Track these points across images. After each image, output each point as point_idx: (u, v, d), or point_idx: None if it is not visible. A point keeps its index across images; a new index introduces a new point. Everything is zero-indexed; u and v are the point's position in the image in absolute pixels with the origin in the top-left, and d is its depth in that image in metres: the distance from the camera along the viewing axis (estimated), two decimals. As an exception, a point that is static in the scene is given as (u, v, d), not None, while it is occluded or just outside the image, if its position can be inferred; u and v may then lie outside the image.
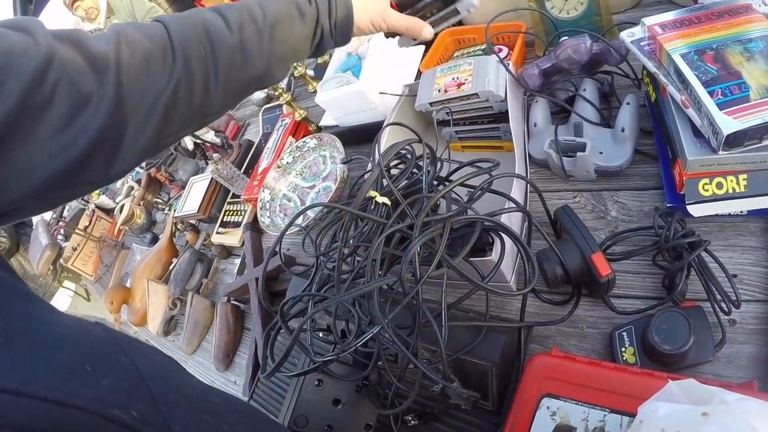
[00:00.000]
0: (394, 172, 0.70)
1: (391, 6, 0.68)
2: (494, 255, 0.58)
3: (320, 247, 0.70)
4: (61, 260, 1.66)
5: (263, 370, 0.64)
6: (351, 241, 0.61)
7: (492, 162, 0.58)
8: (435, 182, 0.66)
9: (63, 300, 1.66)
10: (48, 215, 1.99)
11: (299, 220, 0.97)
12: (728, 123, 0.50)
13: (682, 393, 0.40)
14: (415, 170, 0.65)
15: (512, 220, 0.64)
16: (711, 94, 0.53)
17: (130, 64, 0.45)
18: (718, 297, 0.54)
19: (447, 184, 0.67)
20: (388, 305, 0.53)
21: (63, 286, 1.66)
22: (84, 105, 0.42)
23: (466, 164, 0.64)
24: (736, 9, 0.60)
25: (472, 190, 0.65)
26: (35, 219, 1.97)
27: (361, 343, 0.50)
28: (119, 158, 0.46)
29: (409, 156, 0.66)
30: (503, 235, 0.56)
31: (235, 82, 0.54)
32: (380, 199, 0.61)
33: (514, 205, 0.59)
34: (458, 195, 0.65)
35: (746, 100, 0.51)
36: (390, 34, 0.73)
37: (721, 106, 0.52)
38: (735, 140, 0.51)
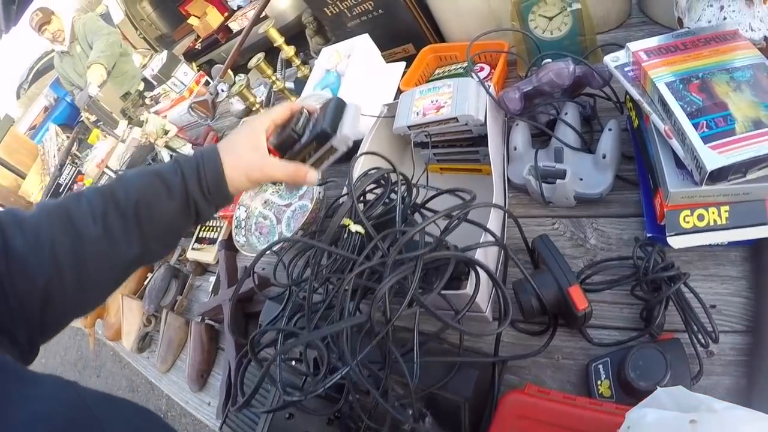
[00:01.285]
0: (370, 196, 0.68)
1: (270, 151, 0.62)
2: (469, 288, 0.56)
3: (293, 272, 0.68)
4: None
5: (233, 402, 0.62)
6: (324, 271, 0.59)
7: (469, 194, 0.56)
8: (410, 210, 0.64)
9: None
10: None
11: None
12: (713, 158, 0.49)
13: (670, 400, 0.40)
14: (392, 196, 0.63)
15: (488, 252, 0.62)
16: (696, 126, 0.51)
17: (18, 255, 0.46)
18: (696, 329, 0.53)
19: (422, 212, 0.65)
20: (360, 339, 0.51)
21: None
22: None
23: (444, 192, 0.62)
24: (723, 35, 0.59)
25: (448, 216, 0.64)
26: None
27: (329, 385, 0.48)
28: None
29: (384, 181, 0.64)
30: (478, 269, 0.55)
31: (108, 270, 0.53)
32: (354, 228, 0.59)
33: (490, 238, 0.57)
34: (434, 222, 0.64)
35: (731, 133, 0.50)
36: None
37: (705, 139, 0.50)
38: (719, 175, 0.50)
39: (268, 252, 0.85)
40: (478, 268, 0.54)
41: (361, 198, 0.64)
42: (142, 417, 0.39)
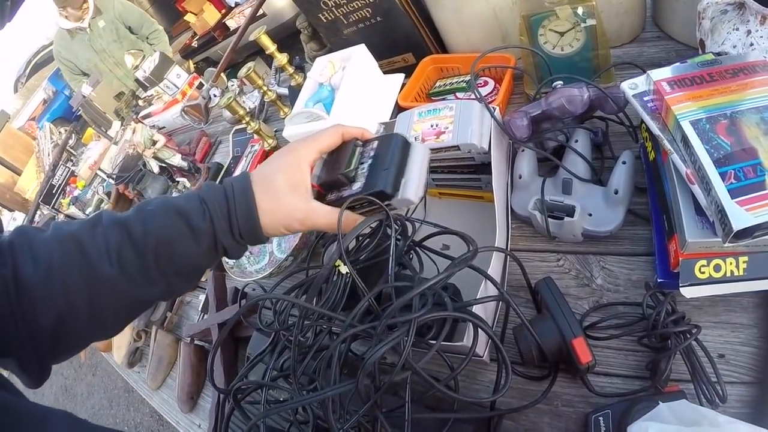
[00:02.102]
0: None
1: (314, 188, 0.52)
2: (466, 341, 0.53)
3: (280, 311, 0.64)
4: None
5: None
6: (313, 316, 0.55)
7: (471, 243, 0.52)
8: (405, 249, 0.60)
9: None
10: (20, 218, 1.92)
11: (263, 268, 0.90)
12: (741, 216, 0.44)
13: (672, 415, 0.40)
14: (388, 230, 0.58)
15: (487, 290, 0.58)
16: (723, 176, 0.46)
17: (29, 284, 0.43)
18: (703, 382, 0.50)
19: (418, 250, 0.61)
20: (349, 399, 0.48)
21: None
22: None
23: (444, 232, 0.58)
24: (753, 66, 0.53)
25: (444, 256, 0.60)
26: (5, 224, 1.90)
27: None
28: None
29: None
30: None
31: (125, 308, 0.49)
32: (344, 270, 0.55)
33: (492, 288, 0.53)
34: (428, 255, 0.60)
35: (761, 186, 0.45)
36: None
37: (733, 192, 0.45)
38: (744, 232, 0.45)
39: (258, 276, 0.83)
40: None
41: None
42: None
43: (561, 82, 0.70)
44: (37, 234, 0.46)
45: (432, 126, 0.68)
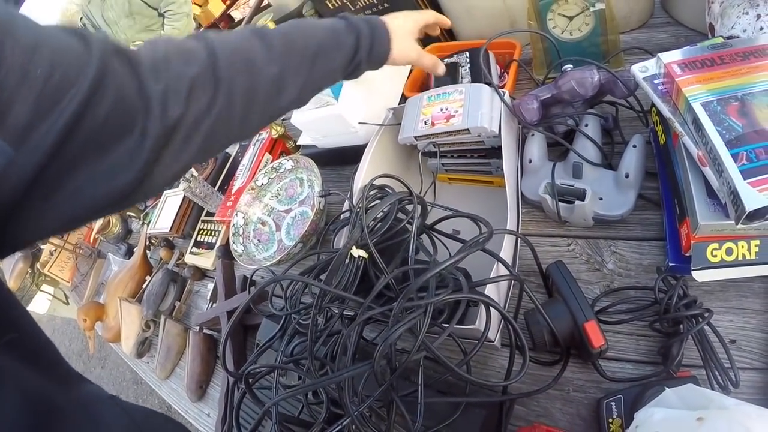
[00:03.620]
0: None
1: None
2: (479, 324, 0.53)
3: (290, 296, 0.64)
4: (38, 264, 1.59)
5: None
6: (324, 300, 0.55)
7: (485, 225, 0.52)
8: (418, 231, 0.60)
9: (42, 303, 1.60)
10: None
11: (271, 255, 0.91)
12: (753, 197, 0.43)
13: (679, 400, 0.40)
14: (399, 214, 0.58)
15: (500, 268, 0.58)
16: (735, 157, 0.46)
17: (176, 92, 0.41)
18: (715, 368, 0.50)
19: (432, 234, 0.61)
20: (362, 383, 0.48)
21: (41, 290, 1.60)
22: (131, 132, 0.38)
23: (458, 215, 0.58)
24: (763, 49, 0.53)
25: (457, 239, 0.60)
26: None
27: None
28: (152, 182, 0.42)
29: (389, 192, 0.59)
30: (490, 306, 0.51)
31: (270, 110, 0.53)
32: (356, 253, 0.55)
33: (504, 271, 0.53)
34: (438, 237, 0.60)
35: (774, 167, 0.44)
36: None
37: (745, 173, 0.45)
38: (757, 214, 0.45)
39: (267, 263, 0.83)
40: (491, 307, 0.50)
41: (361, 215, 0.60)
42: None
43: (570, 66, 0.69)
44: (188, 41, 0.47)
45: (441, 110, 0.67)
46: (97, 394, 0.37)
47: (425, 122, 0.68)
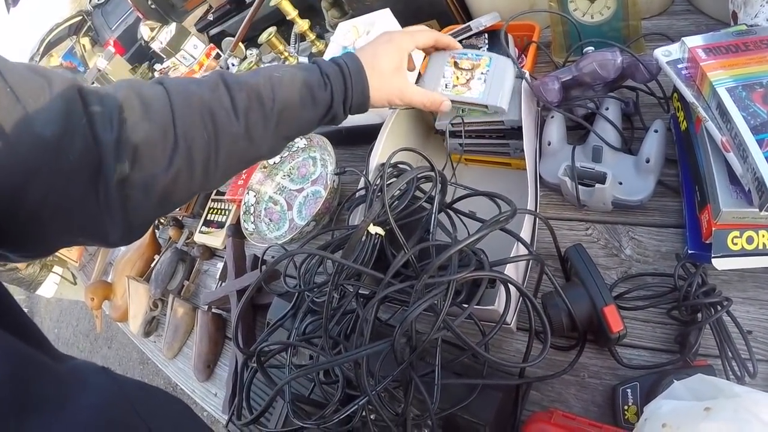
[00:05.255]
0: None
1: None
2: (498, 305, 0.52)
3: (304, 273, 0.64)
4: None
5: (238, 411, 0.59)
6: (339, 276, 0.54)
7: (508, 203, 0.51)
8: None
9: (50, 287, 1.60)
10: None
11: (283, 235, 0.90)
12: (779, 183, 0.43)
13: (687, 392, 0.40)
14: (417, 193, 0.58)
15: (519, 249, 0.58)
16: (760, 143, 0.45)
17: (127, 145, 0.43)
18: (732, 357, 0.50)
19: (451, 213, 0.60)
20: (379, 363, 0.47)
21: (53, 272, 1.60)
22: (98, 174, 0.41)
23: (480, 194, 0.57)
24: (790, 37, 0.52)
25: (476, 218, 0.59)
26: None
27: (343, 416, 0.44)
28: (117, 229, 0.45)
29: (408, 170, 0.58)
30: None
31: (236, 164, 0.53)
32: (373, 230, 0.55)
33: (524, 252, 0.52)
34: (458, 216, 0.59)
35: (799, 154, 0.44)
36: None
37: None
38: (781, 200, 0.44)
39: (279, 242, 0.83)
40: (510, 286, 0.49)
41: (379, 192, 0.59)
42: (178, 411, 0.39)
43: (592, 48, 0.68)
44: (150, 90, 0.47)
45: (465, 70, 0.66)
46: (86, 364, 0.37)
47: (447, 85, 0.66)
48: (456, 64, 0.66)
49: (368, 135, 0.74)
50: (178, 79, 0.49)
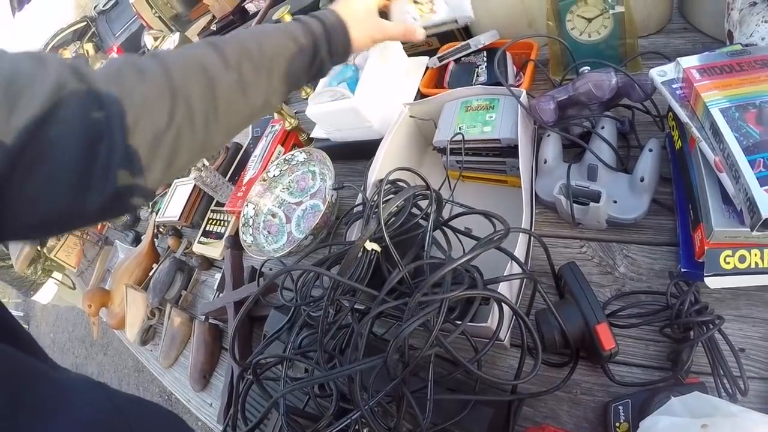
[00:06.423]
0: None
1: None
2: (491, 322, 0.53)
3: (301, 287, 0.64)
4: (45, 249, 1.60)
5: (233, 426, 0.59)
6: (335, 292, 0.55)
7: (502, 222, 0.52)
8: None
9: (47, 293, 1.60)
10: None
11: (281, 247, 0.91)
12: (770, 204, 0.44)
13: (684, 408, 0.40)
14: (414, 210, 0.58)
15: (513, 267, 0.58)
16: (752, 164, 0.46)
17: (131, 105, 0.43)
18: (723, 375, 0.50)
19: (446, 230, 0.61)
20: (372, 378, 0.48)
21: (52, 277, 1.61)
22: (98, 142, 0.40)
23: (474, 212, 0.58)
24: (782, 58, 0.53)
25: (470, 236, 0.59)
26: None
27: (336, 430, 0.44)
28: (132, 195, 0.45)
29: (405, 187, 0.59)
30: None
31: (234, 117, 0.54)
32: (369, 246, 0.55)
33: (517, 269, 0.53)
34: (455, 233, 0.60)
35: (790, 176, 0.45)
36: None
37: (762, 180, 0.45)
38: (772, 221, 0.45)
39: (277, 255, 0.83)
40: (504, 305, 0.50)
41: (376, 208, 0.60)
42: (173, 426, 0.39)
43: (588, 68, 0.69)
44: (142, 59, 0.48)
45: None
46: (82, 378, 0.37)
47: (414, 18, 0.73)
48: (415, 1, 0.73)
49: (366, 150, 0.75)
50: (170, 50, 0.52)
